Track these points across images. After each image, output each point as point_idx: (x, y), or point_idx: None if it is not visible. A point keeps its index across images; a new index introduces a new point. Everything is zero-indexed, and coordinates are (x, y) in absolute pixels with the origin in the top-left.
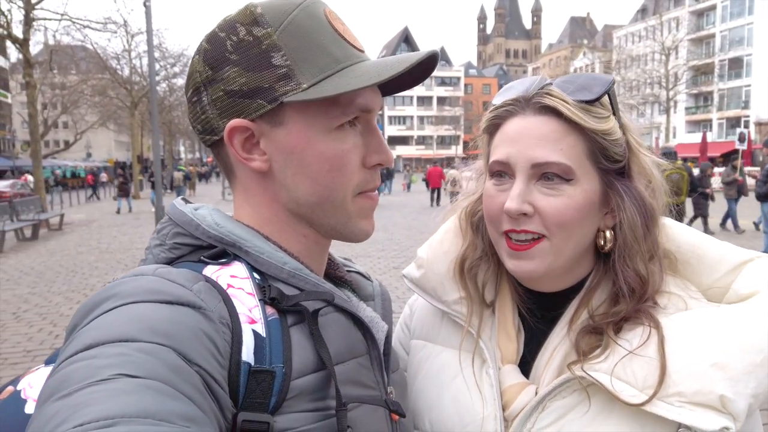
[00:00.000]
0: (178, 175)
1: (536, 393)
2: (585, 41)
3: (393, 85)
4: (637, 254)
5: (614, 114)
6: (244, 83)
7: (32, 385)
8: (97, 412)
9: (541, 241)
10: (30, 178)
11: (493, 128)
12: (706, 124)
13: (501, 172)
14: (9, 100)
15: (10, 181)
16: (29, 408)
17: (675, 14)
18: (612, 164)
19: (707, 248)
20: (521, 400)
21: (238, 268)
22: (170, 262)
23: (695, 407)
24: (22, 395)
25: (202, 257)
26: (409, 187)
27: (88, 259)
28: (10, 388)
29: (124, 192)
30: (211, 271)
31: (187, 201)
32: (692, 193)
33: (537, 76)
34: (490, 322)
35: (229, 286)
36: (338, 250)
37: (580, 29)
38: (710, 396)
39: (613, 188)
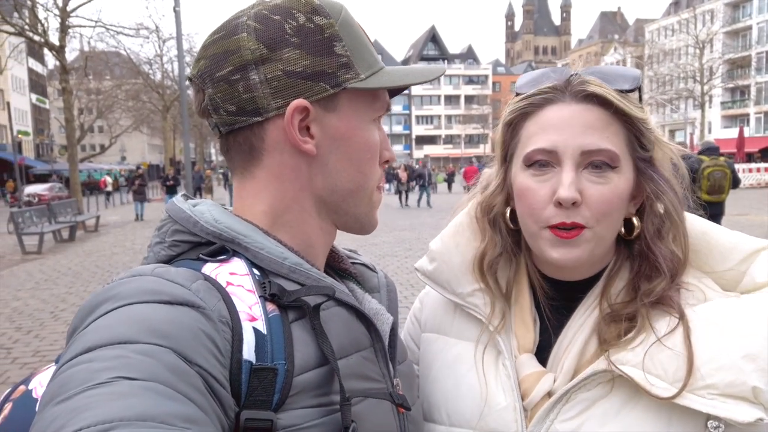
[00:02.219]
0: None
1: (554, 381)
2: (616, 36)
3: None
4: (678, 234)
5: None
6: (307, 65)
7: (43, 384)
8: (95, 416)
9: (583, 230)
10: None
11: (521, 117)
12: (743, 119)
13: (544, 161)
14: (47, 106)
15: (48, 185)
16: None
17: (709, 6)
18: (644, 152)
19: (719, 237)
20: (540, 389)
21: (238, 265)
22: (170, 260)
23: (727, 399)
24: (33, 395)
25: (200, 255)
26: (435, 188)
27: (122, 259)
28: (22, 387)
29: (141, 196)
30: (210, 268)
31: (187, 197)
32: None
33: (559, 67)
34: (507, 314)
35: (228, 283)
36: (367, 250)
37: (611, 24)
38: (742, 387)
39: (645, 175)
